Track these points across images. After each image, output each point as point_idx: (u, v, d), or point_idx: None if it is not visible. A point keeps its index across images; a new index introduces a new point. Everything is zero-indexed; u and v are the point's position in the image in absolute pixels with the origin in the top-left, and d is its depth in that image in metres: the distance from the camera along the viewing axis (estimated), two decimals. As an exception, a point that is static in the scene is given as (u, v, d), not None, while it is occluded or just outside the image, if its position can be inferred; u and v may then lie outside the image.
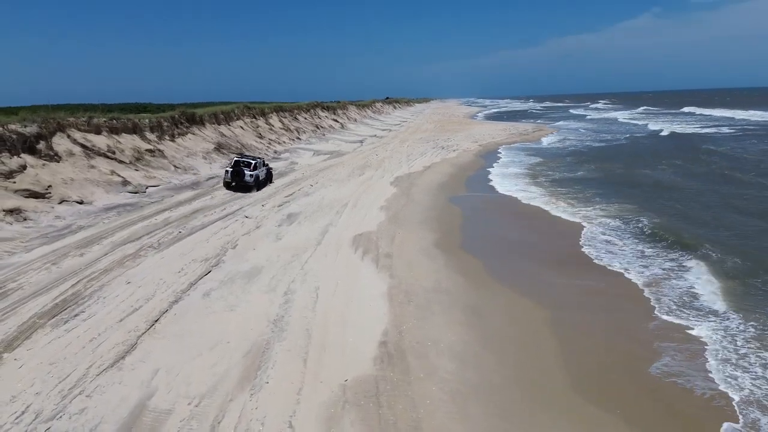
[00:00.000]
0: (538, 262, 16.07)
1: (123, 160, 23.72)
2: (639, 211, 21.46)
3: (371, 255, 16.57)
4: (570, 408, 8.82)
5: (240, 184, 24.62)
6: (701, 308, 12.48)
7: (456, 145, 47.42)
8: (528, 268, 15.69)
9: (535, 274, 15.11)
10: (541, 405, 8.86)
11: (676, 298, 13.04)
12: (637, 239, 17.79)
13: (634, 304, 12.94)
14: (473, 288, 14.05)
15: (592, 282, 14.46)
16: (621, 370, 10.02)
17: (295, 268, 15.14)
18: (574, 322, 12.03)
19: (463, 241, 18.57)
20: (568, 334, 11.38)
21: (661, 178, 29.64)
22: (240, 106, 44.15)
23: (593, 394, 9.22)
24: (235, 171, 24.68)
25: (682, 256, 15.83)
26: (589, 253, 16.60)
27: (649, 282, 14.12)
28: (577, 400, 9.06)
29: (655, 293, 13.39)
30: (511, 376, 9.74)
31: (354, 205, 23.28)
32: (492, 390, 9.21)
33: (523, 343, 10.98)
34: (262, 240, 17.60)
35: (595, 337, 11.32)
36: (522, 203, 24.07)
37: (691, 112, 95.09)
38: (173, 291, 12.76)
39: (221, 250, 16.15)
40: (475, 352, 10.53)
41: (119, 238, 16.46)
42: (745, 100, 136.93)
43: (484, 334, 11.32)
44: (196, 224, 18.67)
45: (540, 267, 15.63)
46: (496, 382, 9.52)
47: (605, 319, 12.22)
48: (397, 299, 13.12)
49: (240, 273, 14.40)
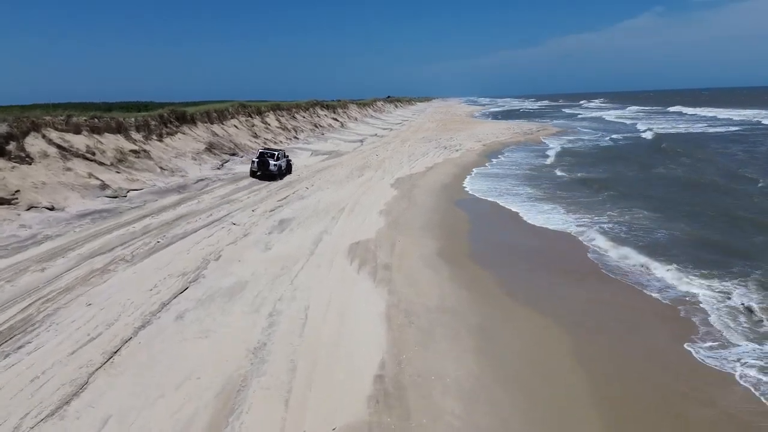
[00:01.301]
0: (553, 273, 14.49)
1: (103, 162, 22.02)
2: (660, 218, 19.88)
3: (368, 267, 15.05)
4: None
5: (265, 173, 27.34)
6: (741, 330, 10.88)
7: (459, 145, 45.83)
8: (543, 280, 14.10)
9: (550, 287, 13.53)
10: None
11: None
12: (647, 253, 16.17)
13: (665, 324, 11.37)
14: (482, 305, 12.48)
15: (613, 297, 12.89)
16: (658, 406, 8.43)
17: (284, 283, 13.61)
18: (600, 347, 10.45)
19: (469, 249, 17.01)
20: (596, 363, 9.81)
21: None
22: (235, 105, 42.48)
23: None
24: (261, 161, 27.48)
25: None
26: (607, 265, 15.02)
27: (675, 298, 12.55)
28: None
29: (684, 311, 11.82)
30: (534, 419, 8.17)
31: (352, 210, 21.74)
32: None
33: (545, 376, 9.40)
34: (250, 250, 16.04)
35: (626, 366, 9.74)
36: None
37: (678, 111, 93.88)
38: (141, 314, 11.18)
39: (202, 262, 14.58)
40: (488, 389, 8.96)
41: (88, 250, 14.81)
42: (740, 100, 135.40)
43: (497, 364, 9.75)
44: (178, 232, 17.05)
45: (556, 278, 14.05)
46: (515, 428, 7.95)
47: (634, 341, 10.64)
48: (396, 321, 11.58)
49: (221, 290, 12.84)
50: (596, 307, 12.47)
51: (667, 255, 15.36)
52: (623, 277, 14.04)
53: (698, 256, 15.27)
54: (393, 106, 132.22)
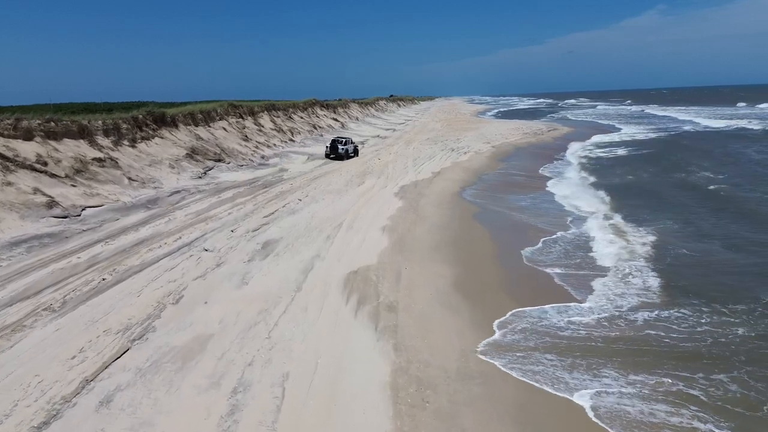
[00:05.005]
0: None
1: (56, 174, 18.56)
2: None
3: (368, 307, 11.98)
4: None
5: (337, 154, 35.34)
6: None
7: (467, 147, 42.55)
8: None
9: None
10: None
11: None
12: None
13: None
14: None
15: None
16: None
17: (259, 335, 10.48)
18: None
19: (496, 277, 13.85)
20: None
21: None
22: (224, 105, 39.00)
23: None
24: (333, 146, 35.85)
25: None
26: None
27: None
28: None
29: None
30: None
31: (350, 226, 18.57)
32: None
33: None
34: (221, 286, 12.84)
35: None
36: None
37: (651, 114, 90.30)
38: (48, 401, 7.95)
39: (155, 308, 11.34)
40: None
41: (6, 295, 11.46)
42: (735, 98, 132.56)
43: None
44: (134, 264, 13.76)
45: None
46: None
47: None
48: (405, 398, 8.54)
49: (174, 350, 9.66)
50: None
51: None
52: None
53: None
54: (396, 105, 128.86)
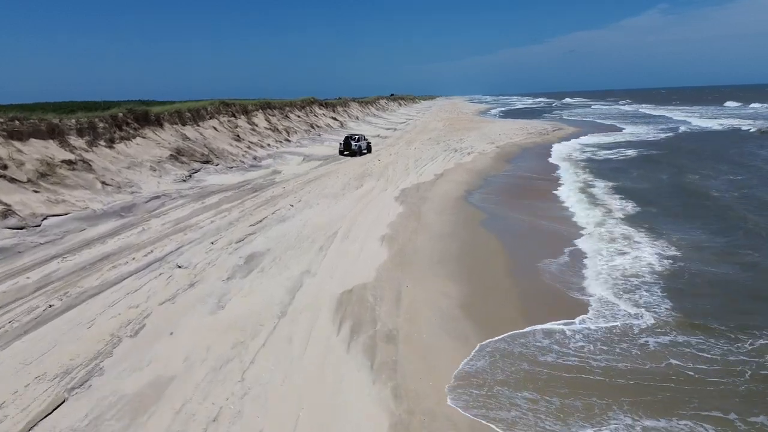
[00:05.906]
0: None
1: (17, 178, 16.57)
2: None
3: (364, 337, 10.24)
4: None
5: (350, 151, 36.66)
6: None
7: (470, 147, 40.68)
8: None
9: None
10: None
11: None
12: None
13: None
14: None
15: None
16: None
17: (231, 377, 8.68)
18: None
19: (509, 296, 12.01)
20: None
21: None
22: (215, 103, 37.02)
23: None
24: (346, 143, 37.10)
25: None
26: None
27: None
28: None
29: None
30: None
31: (346, 235, 16.75)
32: None
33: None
34: (192, 311, 10.98)
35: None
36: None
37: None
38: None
39: (107, 343, 9.48)
40: None
41: (-70, 328, 9.66)
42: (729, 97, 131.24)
43: None
44: (91, 285, 11.86)
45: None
46: None
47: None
48: (408, 470, 6.63)
49: (121, 401, 7.81)
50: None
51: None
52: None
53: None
54: (397, 105, 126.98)
